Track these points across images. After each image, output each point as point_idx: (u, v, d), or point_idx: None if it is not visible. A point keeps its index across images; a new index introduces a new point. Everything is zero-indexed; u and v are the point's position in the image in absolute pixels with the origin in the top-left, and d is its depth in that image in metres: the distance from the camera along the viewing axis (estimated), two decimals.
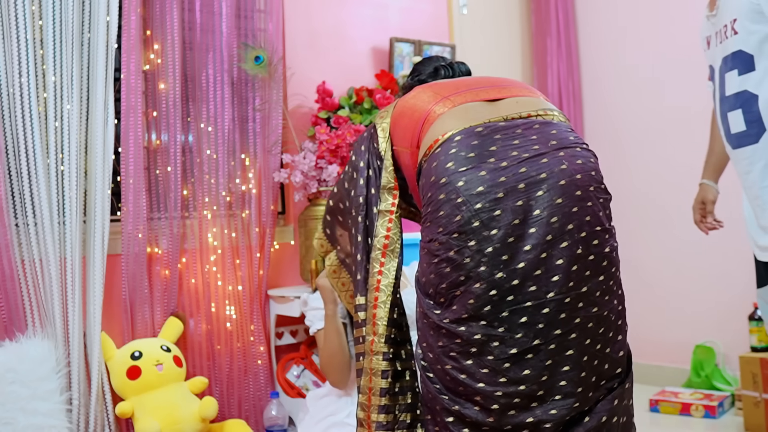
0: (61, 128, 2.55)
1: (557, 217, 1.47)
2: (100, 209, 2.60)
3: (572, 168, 1.51)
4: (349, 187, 1.88)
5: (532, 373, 1.49)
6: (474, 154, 1.53)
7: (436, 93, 1.72)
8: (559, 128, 1.60)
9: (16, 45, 2.46)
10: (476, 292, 1.48)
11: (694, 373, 3.68)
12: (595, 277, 1.52)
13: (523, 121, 1.59)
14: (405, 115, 1.77)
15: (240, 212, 3.05)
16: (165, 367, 2.63)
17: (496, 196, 1.48)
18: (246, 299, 3.01)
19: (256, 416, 2.99)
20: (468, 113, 1.62)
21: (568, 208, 1.48)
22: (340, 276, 2.02)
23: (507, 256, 1.47)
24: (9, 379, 2.26)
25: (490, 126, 1.57)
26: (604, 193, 1.57)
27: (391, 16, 3.68)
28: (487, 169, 1.50)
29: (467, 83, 1.75)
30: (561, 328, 1.49)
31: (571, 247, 1.48)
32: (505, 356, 1.48)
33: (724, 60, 2.08)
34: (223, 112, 2.99)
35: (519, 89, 1.72)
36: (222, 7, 2.98)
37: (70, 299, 2.53)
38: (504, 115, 1.61)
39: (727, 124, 2.11)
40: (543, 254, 1.47)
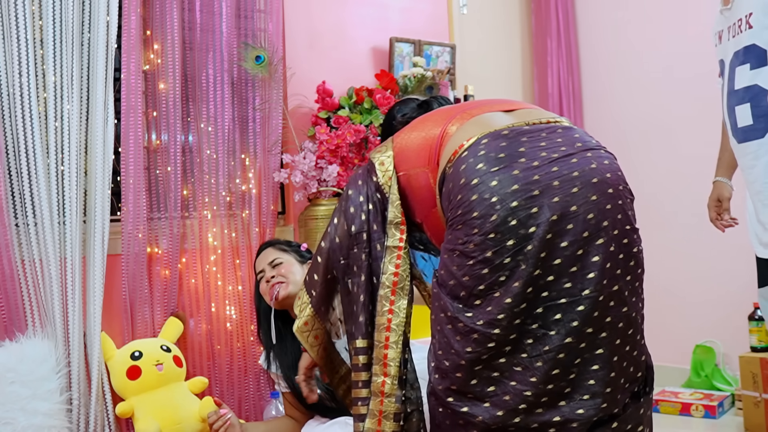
0: (61, 128, 2.55)
1: (593, 213, 1.47)
2: (100, 209, 2.60)
3: (601, 167, 1.53)
4: (348, 224, 1.77)
5: (561, 372, 1.49)
6: (504, 155, 1.51)
7: (442, 117, 1.70)
8: (580, 133, 1.62)
9: (16, 45, 2.46)
10: (515, 290, 1.47)
11: (694, 373, 3.69)
12: (624, 277, 1.52)
13: (545, 126, 1.60)
14: (413, 141, 1.72)
15: (240, 212, 3.05)
16: (165, 367, 2.63)
17: (532, 194, 1.46)
18: (246, 299, 3.01)
19: (256, 416, 2.99)
20: (488, 121, 1.61)
21: (603, 205, 1.49)
22: (312, 329, 1.86)
23: (545, 253, 1.46)
24: (9, 379, 2.26)
25: (515, 129, 1.57)
26: (630, 194, 1.58)
27: (391, 16, 3.68)
28: (520, 168, 1.49)
29: (471, 103, 1.75)
30: (593, 327, 1.49)
31: (607, 244, 1.48)
32: (538, 353, 1.48)
33: (736, 54, 2.06)
34: (223, 112, 2.99)
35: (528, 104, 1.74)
36: (222, 7, 2.98)
37: (70, 299, 2.53)
38: (526, 120, 1.61)
39: (734, 118, 2.10)
40: (579, 251, 1.47)
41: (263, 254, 2.51)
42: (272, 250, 2.51)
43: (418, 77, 3.42)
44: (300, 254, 2.51)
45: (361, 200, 1.77)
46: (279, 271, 2.41)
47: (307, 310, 1.82)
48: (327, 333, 1.86)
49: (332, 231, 1.79)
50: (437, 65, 3.71)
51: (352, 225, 1.76)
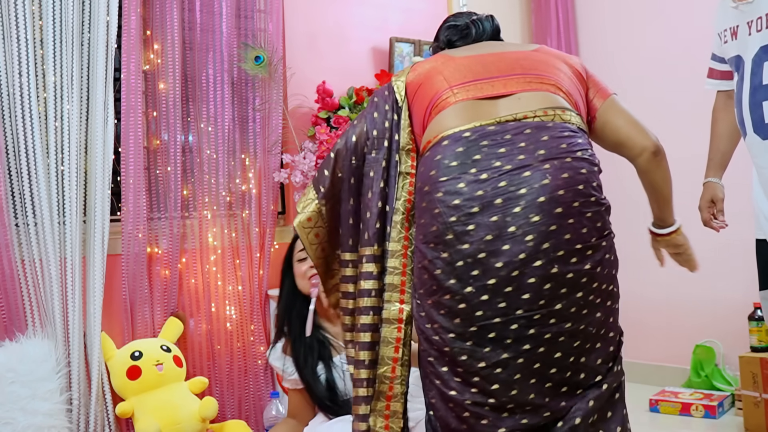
0: (61, 128, 2.55)
1: (533, 235, 1.44)
2: (100, 209, 2.60)
3: (555, 183, 1.47)
4: (369, 127, 1.71)
5: (501, 387, 1.50)
6: (456, 163, 1.51)
7: (447, 79, 1.65)
8: (552, 133, 1.53)
9: (16, 45, 2.46)
10: (447, 304, 1.50)
11: (694, 373, 3.68)
12: (572, 294, 1.50)
13: (514, 125, 1.54)
14: (421, 87, 1.69)
15: (240, 212, 3.05)
16: (165, 367, 2.63)
17: (470, 211, 1.47)
18: (246, 299, 3.01)
19: (256, 416, 2.99)
20: (465, 113, 1.59)
21: (545, 227, 1.45)
22: (315, 226, 1.75)
23: (478, 271, 1.46)
24: (9, 379, 2.26)
25: (478, 131, 1.54)
26: (595, 205, 1.52)
27: (391, 16, 3.67)
28: (467, 181, 1.49)
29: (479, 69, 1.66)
30: (529, 344, 1.49)
31: (545, 266, 1.46)
32: (474, 369, 1.50)
33: (765, 48, 2.02)
34: (223, 112, 2.99)
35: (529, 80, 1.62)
36: (222, 7, 2.98)
37: (70, 299, 2.53)
38: (498, 117, 1.56)
39: (761, 114, 2.04)
40: (515, 272, 1.45)
41: None
42: None
43: None
44: None
45: (386, 108, 1.72)
46: None
47: (312, 206, 1.72)
48: (328, 233, 1.75)
49: (350, 130, 1.73)
50: None
51: (373, 129, 1.70)
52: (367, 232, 1.67)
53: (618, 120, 1.68)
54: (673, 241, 1.82)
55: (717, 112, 2.45)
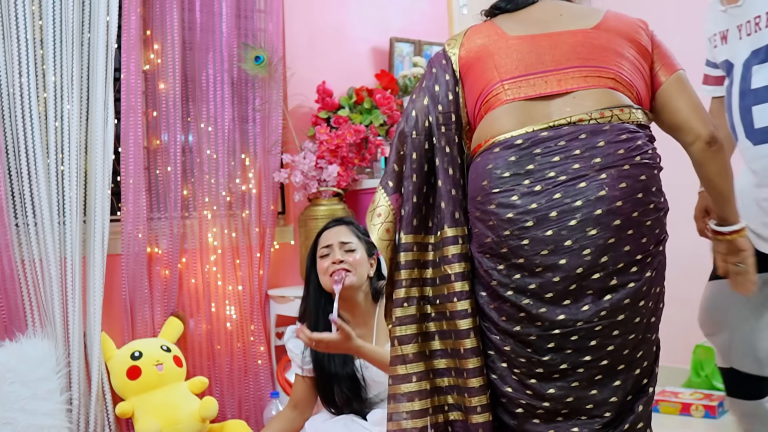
0: (61, 128, 2.55)
1: (590, 249, 1.41)
2: (100, 209, 2.60)
3: (612, 194, 1.42)
4: (433, 101, 1.61)
5: (557, 393, 1.48)
6: (509, 174, 1.46)
7: (498, 67, 1.55)
8: (609, 138, 1.45)
9: (16, 45, 2.46)
10: (508, 311, 1.49)
11: (694, 373, 3.68)
12: (635, 304, 1.47)
13: (568, 130, 1.46)
14: (472, 69, 1.60)
15: (240, 212, 3.05)
16: (165, 367, 2.63)
17: (524, 225, 1.43)
18: (246, 299, 3.01)
19: (256, 416, 2.99)
20: (517, 115, 1.51)
21: (603, 240, 1.41)
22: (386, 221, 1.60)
23: (535, 285, 1.44)
24: (9, 379, 2.26)
25: (531, 138, 1.47)
26: (654, 212, 1.48)
27: (391, 16, 3.67)
28: (520, 193, 1.44)
29: (531, 59, 1.54)
30: (591, 355, 1.47)
31: (604, 279, 1.43)
32: (532, 374, 1.49)
33: (755, 52, 2.00)
34: (223, 112, 2.99)
35: (585, 74, 1.52)
36: (222, 7, 2.98)
37: (70, 299, 2.53)
38: (552, 120, 1.48)
39: (750, 118, 2.03)
40: (572, 285, 1.43)
41: (337, 230, 2.27)
42: (347, 230, 2.27)
43: (419, 77, 3.42)
44: (369, 247, 2.28)
45: (447, 79, 1.61)
46: (349, 258, 2.19)
47: (383, 200, 1.59)
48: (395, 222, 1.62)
49: (409, 107, 1.63)
50: None
51: (437, 104, 1.60)
52: (445, 213, 1.56)
53: (678, 101, 1.57)
54: (736, 245, 1.71)
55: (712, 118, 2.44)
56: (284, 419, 2.32)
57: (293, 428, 2.30)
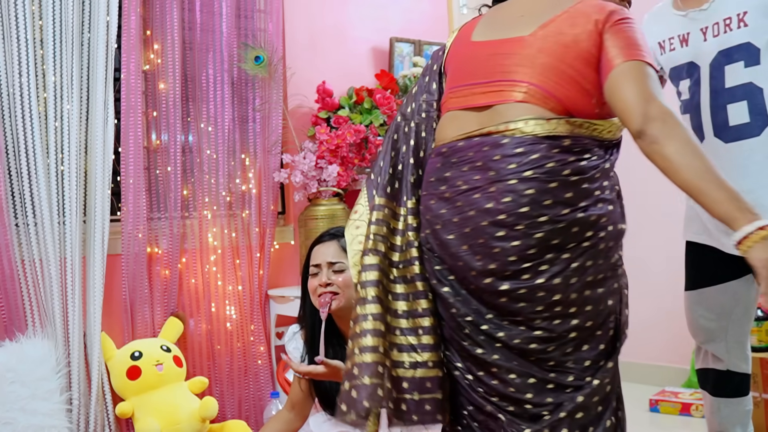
0: (61, 128, 2.55)
1: (480, 255, 1.51)
2: (100, 209, 2.60)
3: (497, 208, 1.47)
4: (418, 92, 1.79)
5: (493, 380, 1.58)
6: (433, 179, 1.60)
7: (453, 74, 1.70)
8: (504, 151, 1.48)
9: (16, 45, 2.46)
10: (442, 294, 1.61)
11: (694, 373, 3.68)
12: (535, 305, 1.52)
13: (477, 142, 1.53)
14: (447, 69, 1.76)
15: (240, 212, 3.05)
16: (165, 367, 2.63)
17: (435, 227, 1.57)
18: (246, 299, 3.01)
19: (256, 416, 2.99)
20: (451, 124, 1.63)
21: (489, 249, 1.49)
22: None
23: (453, 276, 1.57)
24: (9, 379, 2.26)
25: (452, 147, 1.59)
26: (550, 224, 1.45)
27: (391, 16, 3.67)
28: (436, 198, 1.58)
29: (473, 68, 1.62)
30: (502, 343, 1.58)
31: (494, 283, 1.50)
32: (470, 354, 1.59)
33: (724, 53, 2.06)
34: (223, 112, 2.99)
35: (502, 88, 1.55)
36: (222, 7, 2.98)
37: (70, 299, 2.53)
38: (467, 132, 1.56)
39: (724, 117, 2.08)
40: (471, 285, 1.54)
41: (326, 246, 2.20)
42: (338, 247, 2.19)
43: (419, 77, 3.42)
44: None
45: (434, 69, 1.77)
46: (338, 279, 2.12)
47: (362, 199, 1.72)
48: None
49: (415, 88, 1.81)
50: None
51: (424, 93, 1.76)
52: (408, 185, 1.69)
53: (620, 92, 1.46)
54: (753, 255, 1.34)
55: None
56: (282, 420, 2.31)
57: (291, 429, 2.29)
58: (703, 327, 2.23)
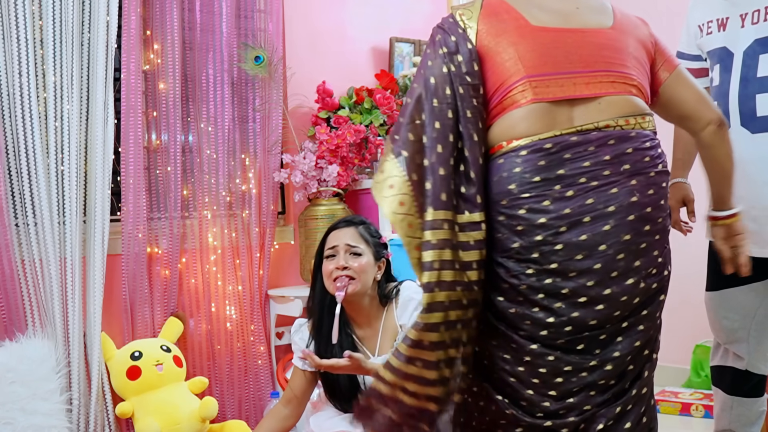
0: (61, 128, 2.55)
1: (624, 254, 1.44)
2: (100, 209, 2.60)
3: (642, 201, 1.45)
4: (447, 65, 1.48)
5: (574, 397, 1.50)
6: (539, 179, 1.44)
7: (523, 59, 1.47)
8: (636, 145, 1.47)
9: (16, 45, 2.46)
10: (534, 317, 1.46)
11: (694, 373, 3.68)
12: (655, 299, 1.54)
13: (597, 135, 1.46)
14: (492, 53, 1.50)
15: (240, 212, 3.05)
16: (165, 367, 2.63)
17: (558, 230, 1.42)
18: (246, 299, 3.01)
19: (256, 416, 2.99)
20: (541, 117, 1.47)
21: (636, 245, 1.45)
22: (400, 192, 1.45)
23: (567, 289, 1.44)
24: (9, 379, 2.26)
25: (560, 142, 1.45)
26: (669, 217, 1.55)
27: (391, 16, 3.67)
28: (552, 198, 1.43)
29: (559, 57, 1.49)
30: (619, 351, 1.50)
31: (637, 283, 1.47)
32: (559, 371, 1.48)
33: (761, 41, 2.01)
34: (223, 112, 2.99)
35: (613, 80, 1.50)
36: (222, 7, 2.98)
37: (70, 299, 2.53)
38: (579, 125, 1.46)
39: (753, 106, 2.03)
40: (607, 290, 1.44)
41: (344, 231, 2.17)
42: (356, 232, 2.16)
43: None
44: (378, 251, 2.20)
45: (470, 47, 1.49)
46: (354, 263, 2.10)
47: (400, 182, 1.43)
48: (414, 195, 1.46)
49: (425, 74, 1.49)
50: None
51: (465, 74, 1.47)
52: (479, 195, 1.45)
53: (684, 93, 1.62)
54: (734, 228, 1.74)
55: None
56: (277, 417, 2.28)
57: (286, 426, 2.28)
58: (726, 328, 2.21)
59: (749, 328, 2.17)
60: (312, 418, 2.28)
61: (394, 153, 1.45)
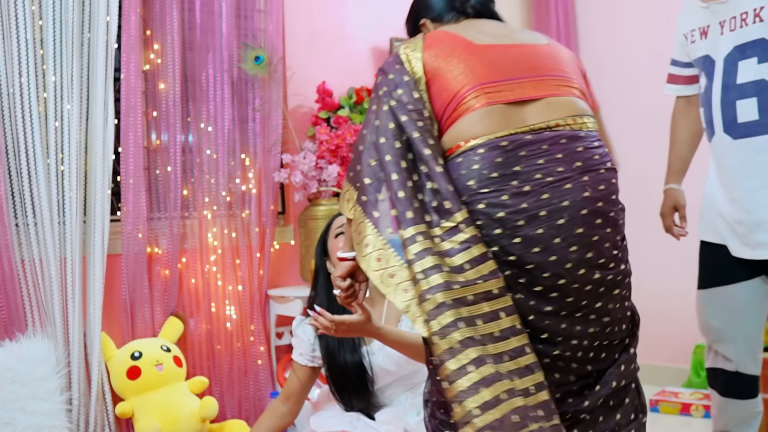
0: (61, 128, 2.55)
1: (577, 246, 1.49)
2: (100, 209, 2.60)
3: (594, 196, 1.52)
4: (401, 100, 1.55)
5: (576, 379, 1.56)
6: (497, 175, 1.48)
7: (474, 72, 1.56)
8: (585, 143, 1.55)
9: (16, 45, 2.46)
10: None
11: (694, 373, 3.68)
12: (610, 292, 1.57)
13: (550, 134, 1.53)
14: (440, 74, 1.58)
15: (240, 212, 3.05)
16: (165, 367, 2.63)
17: (516, 224, 1.47)
18: (246, 299, 3.01)
19: (256, 416, 2.98)
20: (495, 118, 1.53)
21: (588, 238, 1.50)
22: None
23: (524, 279, 1.49)
24: (9, 379, 2.26)
25: (515, 140, 1.51)
26: (622, 212, 1.60)
27: (391, 16, 3.67)
28: (510, 193, 1.48)
29: (507, 66, 1.58)
30: (578, 339, 1.54)
31: (587, 273, 1.51)
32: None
33: (739, 48, 2.04)
34: (223, 112, 2.99)
35: (557, 83, 1.60)
36: (222, 7, 2.98)
37: (70, 299, 2.53)
38: (531, 124, 1.53)
39: (733, 113, 2.06)
40: (561, 281, 1.49)
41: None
42: None
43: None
44: None
45: (407, 80, 1.57)
46: None
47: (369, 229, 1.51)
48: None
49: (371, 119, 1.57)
50: None
51: (407, 104, 1.54)
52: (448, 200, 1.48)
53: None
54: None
55: (677, 118, 2.45)
56: (275, 414, 2.29)
57: (284, 423, 2.29)
58: (714, 327, 2.21)
59: (737, 329, 2.17)
60: (312, 417, 2.28)
61: (360, 204, 1.53)
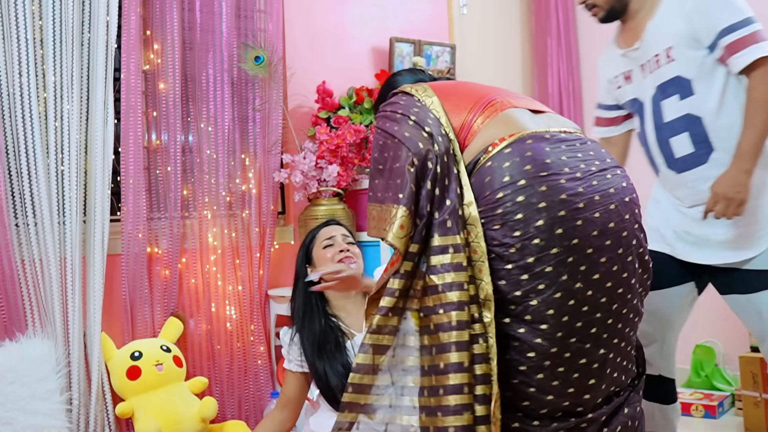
0: (61, 128, 2.55)
1: (627, 231, 1.52)
2: (100, 209, 2.60)
3: (630, 186, 1.59)
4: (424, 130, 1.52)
5: (596, 383, 1.52)
6: (550, 161, 1.48)
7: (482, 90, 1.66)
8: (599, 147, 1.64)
9: (16, 45, 2.46)
10: (557, 302, 1.44)
11: (694, 373, 3.68)
12: (640, 289, 1.61)
13: (576, 137, 1.59)
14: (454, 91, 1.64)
15: (240, 212, 3.05)
16: (165, 367, 2.63)
17: (577, 206, 1.45)
18: (246, 299, 3.01)
19: (256, 416, 2.99)
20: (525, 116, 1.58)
21: (631, 225, 1.54)
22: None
23: (585, 266, 1.45)
24: (9, 379, 2.26)
25: (555, 136, 1.54)
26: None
27: (391, 16, 3.67)
28: (566, 178, 1.47)
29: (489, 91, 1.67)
30: (618, 337, 1.55)
31: (633, 261, 1.54)
32: (576, 366, 1.48)
33: (660, 88, 2.11)
34: (223, 112, 2.99)
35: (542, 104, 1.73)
36: (222, 7, 2.98)
37: (70, 299, 2.53)
38: (558, 128, 1.59)
39: (669, 150, 2.13)
40: (615, 267, 1.49)
41: (336, 227, 2.40)
42: (344, 230, 2.41)
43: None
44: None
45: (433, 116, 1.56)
46: (354, 249, 2.34)
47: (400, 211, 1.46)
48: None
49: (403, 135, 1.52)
50: (437, 65, 3.71)
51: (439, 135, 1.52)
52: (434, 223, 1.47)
53: None
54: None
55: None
56: (274, 421, 2.30)
57: (283, 429, 2.30)
58: (642, 330, 2.23)
59: (663, 333, 2.25)
60: (312, 417, 2.28)
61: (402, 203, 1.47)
